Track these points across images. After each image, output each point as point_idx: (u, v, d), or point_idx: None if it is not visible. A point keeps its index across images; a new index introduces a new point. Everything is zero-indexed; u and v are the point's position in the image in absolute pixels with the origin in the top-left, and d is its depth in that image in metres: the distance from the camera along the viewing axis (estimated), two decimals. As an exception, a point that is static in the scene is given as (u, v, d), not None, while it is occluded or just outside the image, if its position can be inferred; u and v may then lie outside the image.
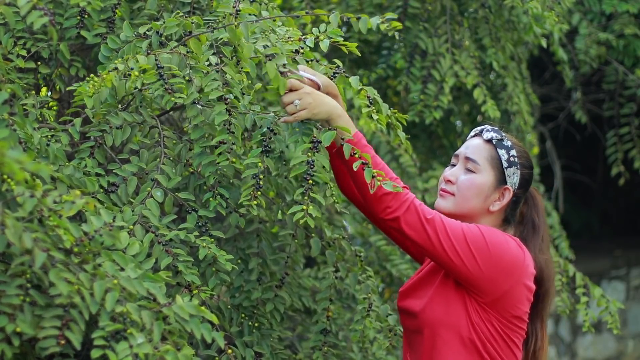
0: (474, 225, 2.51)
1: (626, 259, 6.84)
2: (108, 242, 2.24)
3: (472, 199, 2.59)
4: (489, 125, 2.67)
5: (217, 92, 2.51)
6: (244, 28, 2.57)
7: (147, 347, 2.09)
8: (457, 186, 2.61)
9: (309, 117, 2.47)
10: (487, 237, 2.48)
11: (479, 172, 2.60)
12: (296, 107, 2.45)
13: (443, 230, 2.45)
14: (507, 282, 2.50)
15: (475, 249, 2.46)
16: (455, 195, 2.61)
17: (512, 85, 4.50)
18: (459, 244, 2.45)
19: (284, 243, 3.03)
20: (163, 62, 2.54)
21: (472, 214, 2.61)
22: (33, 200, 2.10)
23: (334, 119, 2.48)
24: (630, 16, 5.45)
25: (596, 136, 6.75)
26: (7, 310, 2.09)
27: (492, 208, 2.61)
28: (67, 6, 2.80)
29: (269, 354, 2.88)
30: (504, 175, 2.60)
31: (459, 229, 2.47)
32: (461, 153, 2.65)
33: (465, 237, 2.46)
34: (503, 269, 2.48)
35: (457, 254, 2.46)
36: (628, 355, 6.72)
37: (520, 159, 2.62)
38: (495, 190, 2.61)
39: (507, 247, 2.50)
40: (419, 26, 4.34)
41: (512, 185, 2.61)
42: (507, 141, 2.62)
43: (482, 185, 2.59)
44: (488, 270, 2.47)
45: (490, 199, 2.61)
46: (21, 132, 2.39)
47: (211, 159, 2.58)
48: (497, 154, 2.61)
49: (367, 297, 2.93)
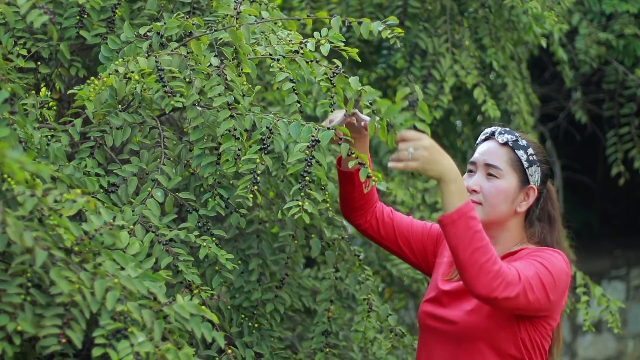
0: (538, 263, 2.47)
1: (626, 259, 6.84)
2: (108, 241, 2.24)
3: (500, 204, 2.58)
4: (499, 128, 2.64)
5: (222, 98, 2.52)
6: (245, 30, 2.57)
7: (148, 346, 2.09)
8: (483, 195, 2.59)
9: (420, 170, 2.36)
10: (552, 270, 2.48)
11: (502, 177, 2.58)
12: (409, 155, 2.34)
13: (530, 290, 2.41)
14: (562, 300, 2.54)
15: (549, 288, 2.46)
16: (483, 204, 2.59)
17: (512, 85, 4.50)
18: (540, 292, 2.44)
19: (284, 244, 3.03)
20: (163, 64, 2.55)
21: (501, 218, 2.60)
22: (33, 199, 2.11)
23: (445, 181, 2.36)
24: (630, 16, 5.45)
25: (596, 136, 6.75)
26: (7, 309, 2.09)
27: (520, 209, 2.60)
28: (66, 6, 2.80)
29: (268, 354, 2.88)
30: (526, 175, 2.59)
31: (536, 277, 2.44)
32: (479, 160, 2.62)
33: (542, 282, 2.44)
34: (562, 291, 2.51)
35: (539, 301, 2.44)
36: (628, 355, 6.72)
37: (537, 155, 2.61)
38: (520, 192, 2.60)
39: (563, 271, 2.51)
40: (419, 26, 4.34)
41: (535, 184, 2.60)
42: (522, 140, 2.60)
43: (508, 190, 2.58)
44: (555, 298, 2.48)
45: (516, 201, 2.59)
46: (21, 131, 2.39)
47: (210, 160, 2.59)
48: (516, 155, 2.59)
49: (367, 298, 2.93)
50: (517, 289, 2.38)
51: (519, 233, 2.63)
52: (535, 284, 2.42)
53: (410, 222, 2.81)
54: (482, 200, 2.59)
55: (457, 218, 2.34)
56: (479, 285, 2.35)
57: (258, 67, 2.70)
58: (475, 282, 2.35)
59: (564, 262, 2.53)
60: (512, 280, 2.38)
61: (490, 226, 2.59)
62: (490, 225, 2.59)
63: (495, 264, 2.35)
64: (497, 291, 2.35)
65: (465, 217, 2.34)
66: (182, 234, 2.56)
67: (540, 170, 2.61)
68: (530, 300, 2.41)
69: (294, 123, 2.55)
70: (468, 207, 2.35)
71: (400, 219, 2.80)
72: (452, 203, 2.35)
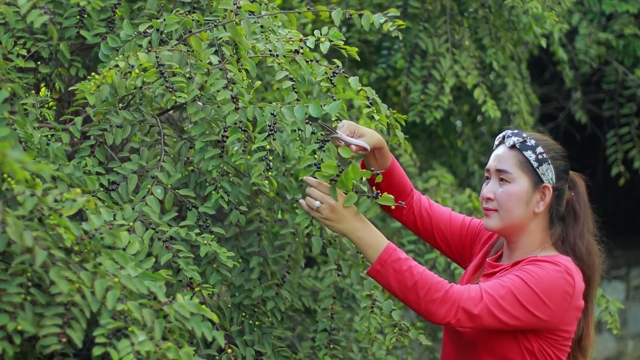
0: (517, 279, 2.46)
1: (626, 259, 6.84)
2: (108, 240, 2.24)
3: (515, 208, 2.56)
4: (509, 131, 2.62)
5: (226, 92, 2.51)
6: (245, 25, 2.57)
7: (149, 345, 2.09)
8: (497, 201, 2.57)
9: (322, 224, 2.47)
10: (535, 286, 2.45)
11: (513, 181, 2.56)
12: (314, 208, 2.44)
13: (498, 309, 2.42)
14: (560, 314, 2.48)
15: (530, 304, 2.44)
16: (499, 211, 2.57)
17: (512, 85, 4.50)
18: (517, 311, 2.43)
19: (284, 242, 3.03)
20: (164, 60, 2.55)
21: (520, 222, 2.57)
22: (33, 199, 2.11)
23: (352, 238, 2.45)
24: (630, 16, 5.46)
25: (596, 136, 6.75)
26: (8, 308, 2.09)
27: (537, 210, 2.57)
28: (66, 6, 2.80)
29: (270, 352, 2.88)
30: (538, 175, 2.56)
31: (510, 295, 2.43)
32: (491, 167, 2.61)
33: (519, 300, 2.43)
34: (556, 306, 2.47)
35: (518, 319, 2.43)
36: (628, 355, 6.72)
37: (548, 153, 2.57)
38: (535, 192, 2.56)
39: (555, 284, 2.46)
40: (419, 26, 4.34)
41: (549, 182, 2.57)
42: (531, 140, 2.57)
43: (520, 193, 2.56)
44: (544, 314, 2.45)
45: (532, 203, 2.56)
46: (21, 131, 2.39)
47: (213, 152, 2.57)
48: (524, 157, 2.56)
49: (370, 294, 2.93)
50: (476, 309, 2.40)
51: (540, 236, 2.60)
52: (508, 303, 2.42)
53: (449, 217, 2.82)
54: (497, 206, 2.58)
55: (381, 267, 2.42)
56: (430, 317, 2.41)
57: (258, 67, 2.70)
58: (425, 315, 2.42)
59: (562, 272, 2.48)
60: (467, 302, 2.40)
61: (511, 232, 2.59)
62: (511, 231, 2.59)
63: (438, 291, 2.39)
64: (449, 316, 2.39)
65: (387, 263, 2.41)
66: (182, 231, 2.56)
67: (553, 167, 2.57)
68: (501, 319, 2.42)
69: (298, 106, 2.55)
70: (387, 253, 2.42)
71: (439, 214, 2.82)
72: (370, 255, 2.44)
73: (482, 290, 2.43)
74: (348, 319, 3.51)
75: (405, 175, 2.77)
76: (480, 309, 2.40)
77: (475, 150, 4.87)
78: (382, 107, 2.69)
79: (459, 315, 2.39)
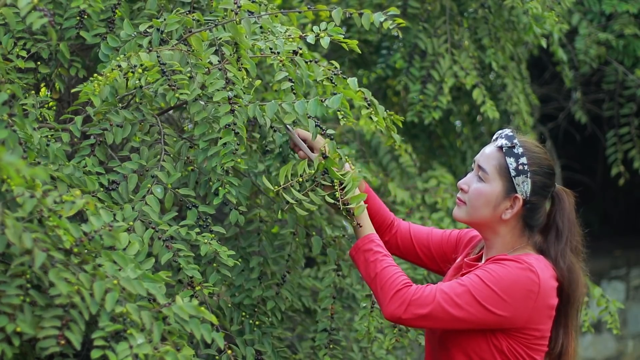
0: (476, 278, 2.47)
1: (626, 259, 6.84)
2: (108, 242, 2.24)
3: (481, 208, 2.57)
4: (507, 131, 2.61)
5: (223, 92, 2.51)
6: (246, 24, 2.57)
7: (147, 348, 2.09)
8: (468, 195, 2.59)
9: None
10: (493, 284, 2.45)
11: (488, 181, 2.57)
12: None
13: (453, 307, 2.44)
14: (526, 312, 2.48)
15: (488, 303, 2.45)
16: (467, 205, 2.60)
17: (512, 86, 4.50)
18: (473, 308, 2.45)
19: (284, 242, 3.03)
20: (165, 59, 2.55)
21: (485, 222, 2.59)
22: (33, 200, 2.11)
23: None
24: (630, 16, 5.46)
25: (596, 136, 6.75)
26: (7, 310, 2.09)
27: (504, 216, 2.57)
28: (66, 6, 2.80)
29: (270, 351, 2.88)
30: (513, 184, 2.55)
31: (466, 293, 2.45)
32: (477, 160, 2.63)
33: (475, 298, 2.45)
34: (519, 304, 2.46)
35: (475, 316, 2.45)
36: (628, 355, 6.72)
37: (531, 166, 2.55)
38: (505, 199, 2.56)
39: (517, 282, 2.46)
40: (419, 26, 4.34)
41: (522, 194, 2.55)
42: (519, 148, 2.55)
43: (490, 195, 2.56)
44: (505, 312, 2.46)
45: (500, 208, 2.57)
46: (21, 132, 2.39)
47: (216, 149, 2.55)
48: (505, 162, 2.56)
49: (370, 294, 2.93)
50: (427, 308, 2.44)
51: (512, 240, 2.60)
52: (464, 300, 2.44)
53: (429, 233, 2.87)
54: (467, 200, 2.61)
55: (355, 253, 2.61)
56: (383, 309, 2.49)
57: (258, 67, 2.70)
58: (381, 306, 2.51)
59: (524, 270, 2.47)
60: (418, 300, 2.45)
61: (479, 228, 2.63)
62: (479, 227, 2.63)
63: (392, 289, 2.47)
64: (399, 311, 2.46)
65: (360, 251, 2.60)
66: (182, 231, 2.56)
67: (531, 181, 2.55)
68: (456, 317, 2.44)
69: (299, 101, 2.55)
70: (363, 241, 2.61)
71: (419, 234, 2.87)
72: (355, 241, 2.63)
73: (438, 289, 2.47)
74: (348, 319, 3.51)
75: (384, 207, 2.85)
76: (430, 309, 2.44)
77: (475, 150, 4.86)
78: (379, 109, 2.69)
79: (408, 315, 2.45)
